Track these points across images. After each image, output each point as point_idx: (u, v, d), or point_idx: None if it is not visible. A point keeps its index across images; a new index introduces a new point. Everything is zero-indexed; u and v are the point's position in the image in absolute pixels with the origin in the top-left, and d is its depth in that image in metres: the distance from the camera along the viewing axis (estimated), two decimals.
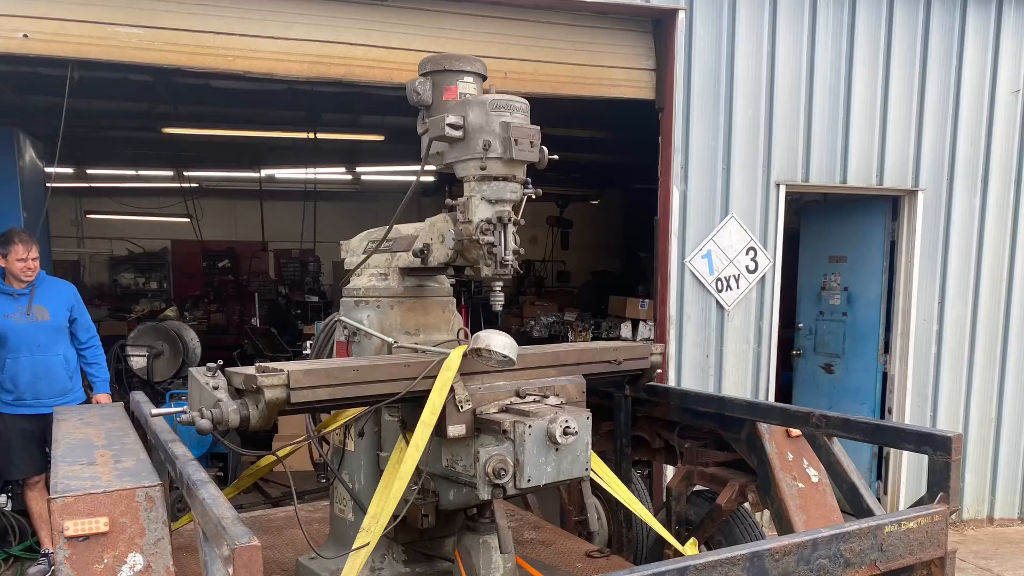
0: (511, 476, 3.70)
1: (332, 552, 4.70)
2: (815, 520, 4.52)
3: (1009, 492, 9.81)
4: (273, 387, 3.54)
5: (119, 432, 4.09)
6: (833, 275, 10.14)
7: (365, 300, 4.68)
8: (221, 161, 17.80)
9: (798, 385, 10.70)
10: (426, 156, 4.18)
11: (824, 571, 3.22)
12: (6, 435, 7.51)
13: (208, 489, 2.88)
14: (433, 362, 3.91)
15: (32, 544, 8.11)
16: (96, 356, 7.85)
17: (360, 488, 4.66)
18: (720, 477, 5.15)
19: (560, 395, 4.17)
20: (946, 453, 3.74)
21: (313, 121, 13.05)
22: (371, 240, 4.85)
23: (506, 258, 3.97)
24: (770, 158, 8.63)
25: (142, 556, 2.90)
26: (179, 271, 22.24)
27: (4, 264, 7.30)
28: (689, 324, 8.52)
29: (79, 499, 2.91)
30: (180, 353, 11.57)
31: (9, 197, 9.71)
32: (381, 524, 3.76)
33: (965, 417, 9.58)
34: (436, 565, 4.79)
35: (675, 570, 2.84)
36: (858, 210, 9.77)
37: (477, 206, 3.99)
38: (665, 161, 8.40)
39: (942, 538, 3.63)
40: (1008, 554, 8.70)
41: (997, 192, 9.41)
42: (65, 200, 19.47)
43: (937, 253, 9.30)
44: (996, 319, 9.57)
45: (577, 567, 5.36)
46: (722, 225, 8.52)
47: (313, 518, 6.23)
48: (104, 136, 14.05)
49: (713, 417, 5.12)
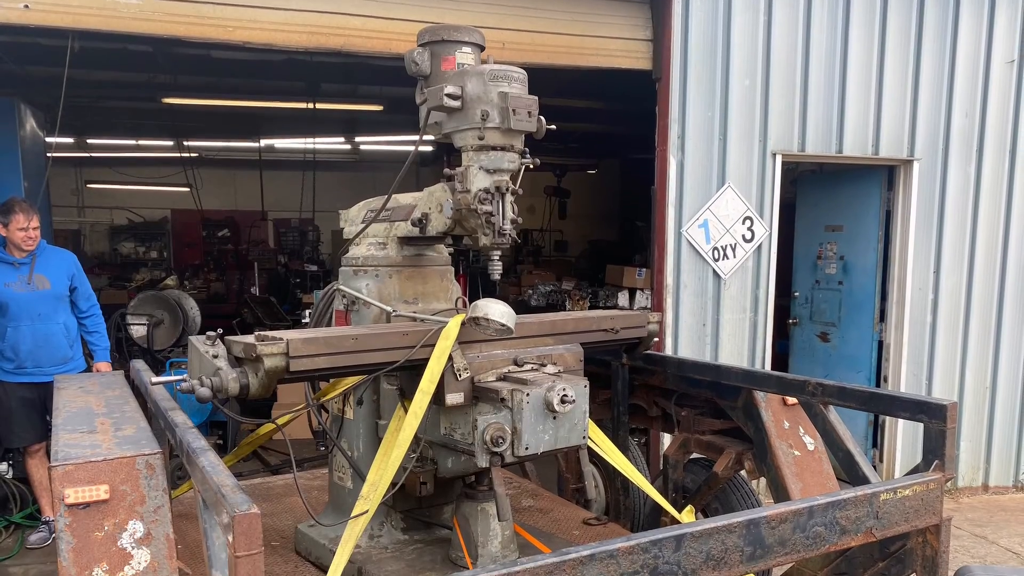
0: (509, 444, 3.72)
1: (331, 519, 4.74)
2: (811, 488, 4.54)
3: (1004, 460, 9.86)
4: (272, 355, 3.56)
5: (119, 400, 4.10)
6: (829, 244, 10.15)
7: (364, 269, 4.69)
8: (221, 131, 17.79)
9: (794, 353, 10.73)
10: (424, 126, 4.18)
11: (820, 538, 3.23)
12: (7, 403, 7.53)
13: (208, 457, 2.89)
14: (431, 331, 3.92)
15: (33, 511, 8.14)
16: (96, 325, 7.86)
17: (359, 456, 4.68)
18: (717, 445, 5.17)
19: (558, 363, 4.19)
20: (941, 421, 3.75)
21: (312, 91, 13.00)
22: (370, 209, 4.85)
23: (504, 227, 3.99)
24: (766, 128, 8.63)
25: (142, 523, 2.91)
26: (179, 240, 22.31)
27: (5, 233, 7.30)
28: (686, 293, 8.54)
29: (80, 467, 2.92)
30: (180, 322, 11.57)
31: (10, 167, 9.72)
32: (380, 492, 3.79)
33: (960, 385, 9.62)
34: (434, 532, 4.82)
35: (672, 537, 2.84)
36: (854, 180, 9.77)
37: (475, 176, 4.00)
38: (662, 131, 8.39)
39: (937, 506, 3.64)
40: (1003, 521, 8.75)
41: (992, 162, 9.41)
42: (65, 170, 19.49)
43: (932, 222, 9.31)
44: (991, 288, 9.58)
45: (574, 534, 5.38)
46: (719, 195, 8.52)
47: (312, 486, 6.26)
48: (104, 106, 13.98)
49: (710, 385, 5.14)
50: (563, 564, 2.62)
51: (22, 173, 9.78)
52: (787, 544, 3.14)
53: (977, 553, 7.85)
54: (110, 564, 2.83)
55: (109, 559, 2.83)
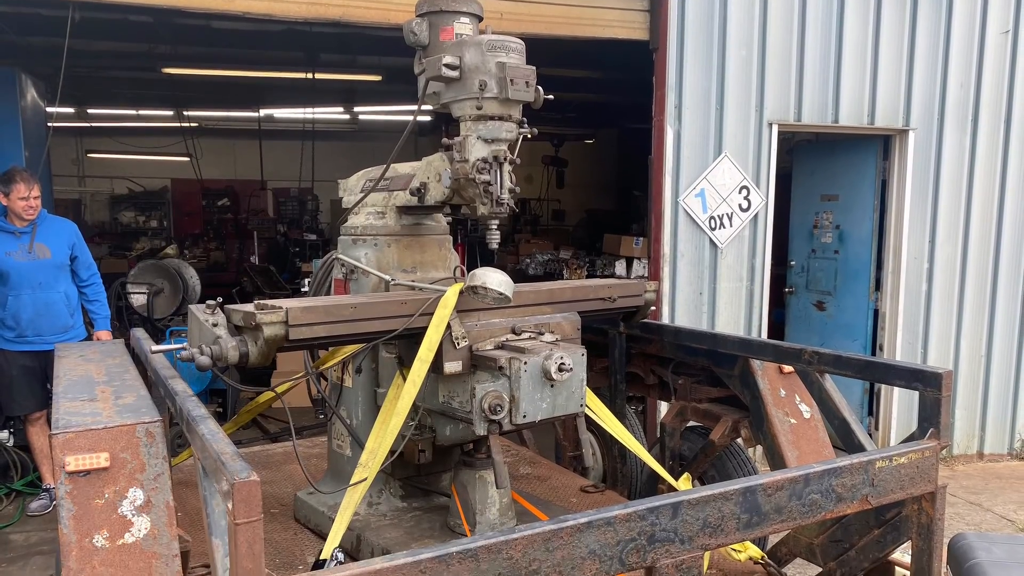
0: (507, 412, 3.74)
1: (330, 487, 4.76)
2: (807, 455, 4.55)
3: (999, 428, 9.90)
4: (272, 324, 3.57)
5: (119, 368, 4.10)
6: (825, 214, 10.16)
7: (363, 238, 4.70)
8: (220, 101, 17.80)
9: (790, 322, 10.75)
10: (423, 96, 4.17)
11: (816, 506, 3.24)
12: (8, 371, 7.56)
13: (207, 425, 2.89)
14: (430, 299, 3.94)
15: (34, 479, 8.19)
16: (97, 293, 7.89)
17: (358, 424, 4.70)
18: (713, 413, 5.18)
19: (555, 332, 4.21)
20: (936, 389, 3.76)
21: (311, 61, 12.95)
22: (369, 179, 4.86)
23: (502, 197, 4.00)
24: (763, 98, 8.63)
25: (142, 491, 2.91)
26: (179, 209, 22.34)
27: (6, 202, 7.32)
28: (683, 262, 8.55)
29: (80, 435, 2.92)
30: (180, 290, 11.56)
31: (11, 137, 9.73)
32: (378, 459, 3.81)
33: (955, 354, 9.65)
34: (433, 500, 4.85)
35: (669, 505, 2.85)
36: (850, 149, 9.77)
37: (473, 145, 4.00)
38: (659, 101, 8.39)
39: (933, 473, 3.65)
40: (997, 489, 8.80)
41: (987, 131, 9.41)
42: (66, 139, 19.52)
43: (928, 192, 9.32)
44: (986, 257, 9.60)
45: (572, 502, 5.42)
46: (715, 164, 8.52)
47: (311, 454, 6.29)
48: (105, 76, 13.97)
49: (706, 354, 5.14)
50: (561, 531, 2.63)
51: (23, 143, 9.80)
52: (783, 511, 3.15)
53: (972, 520, 7.90)
54: (110, 531, 2.83)
55: (109, 526, 2.84)
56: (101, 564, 2.80)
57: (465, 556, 2.47)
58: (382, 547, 4.23)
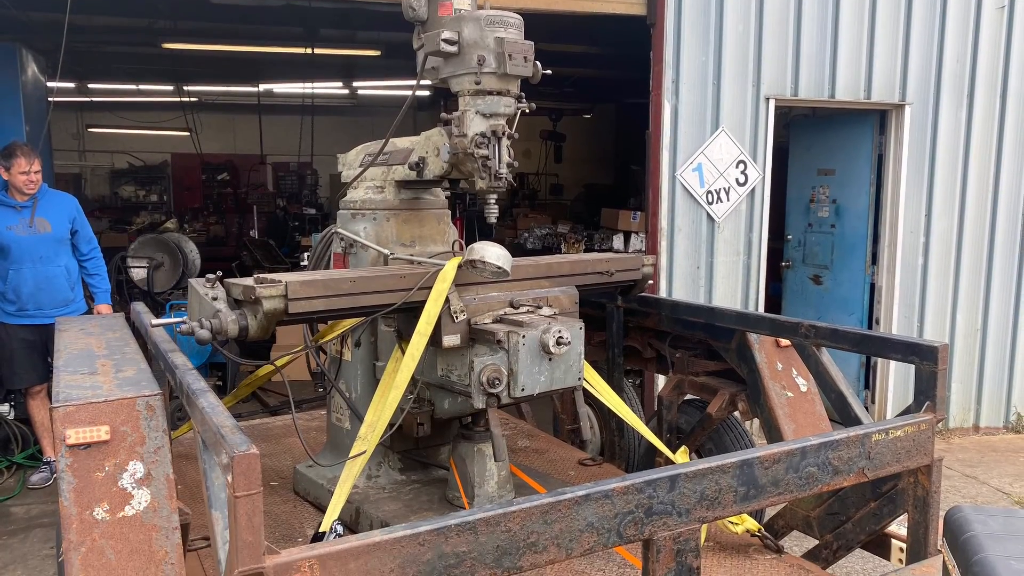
0: (505, 385, 3.75)
1: (329, 460, 4.78)
2: (804, 428, 4.57)
3: (994, 401, 9.93)
4: (271, 298, 3.58)
5: (120, 342, 4.11)
6: (821, 188, 10.16)
7: (362, 212, 4.71)
8: (220, 76, 17.83)
9: (787, 296, 10.77)
10: (421, 71, 4.17)
11: (813, 479, 3.25)
12: (9, 345, 7.59)
13: (207, 398, 2.90)
14: (429, 273, 3.94)
15: (34, 452, 8.22)
16: (97, 267, 7.91)
17: (357, 397, 4.72)
18: (711, 386, 5.20)
19: (553, 306, 4.22)
20: (932, 363, 3.77)
21: (311, 36, 12.93)
22: (368, 153, 4.86)
23: (500, 171, 4.00)
24: (759, 73, 8.63)
25: (142, 464, 2.92)
26: (179, 184, 22.48)
27: (7, 177, 7.34)
28: (680, 236, 8.56)
29: (81, 408, 2.92)
30: (180, 264, 11.56)
31: (12, 111, 9.75)
32: (377, 432, 3.82)
33: (951, 328, 9.67)
34: (431, 473, 4.87)
35: (667, 478, 2.87)
36: (846, 124, 9.76)
37: (472, 120, 4.00)
38: (656, 76, 8.39)
39: (929, 446, 3.67)
40: (993, 462, 8.83)
41: (983, 106, 9.40)
42: (67, 114, 19.58)
43: (924, 166, 9.32)
44: (982, 231, 9.60)
45: (570, 475, 5.44)
46: (712, 139, 8.52)
47: (310, 427, 6.31)
48: (105, 51, 13.94)
49: (704, 327, 5.16)
50: (559, 504, 2.65)
51: (24, 117, 9.82)
52: (780, 484, 3.17)
53: (968, 493, 7.93)
54: (111, 504, 2.84)
55: (110, 499, 2.84)
56: (101, 536, 2.81)
57: (463, 529, 2.49)
58: (381, 520, 4.25)
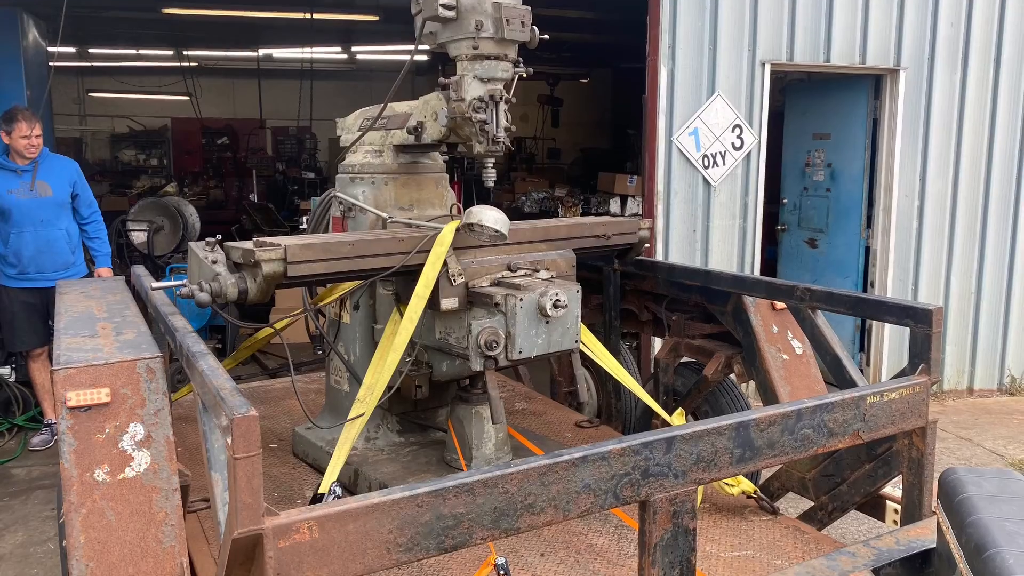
0: (502, 348, 3.78)
1: (328, 422, 4.81)
2: (799, 391, 4.58)
3: (988, 364, 9.97)
4: (271, 261, 3.60)
5: (120, 305, 4.12)
6: (817, 152, 10.17)
7: (360, 176, 4.71)
8: (220, 40, 17.83)
9: (782, 259, 10.79)
10: (420, 36, 4.17)
11: (808, 441, 3.25)
12: (10, 308, 7.63)
13: (207, 361, 2.90)
14: (427, 237, 3.96)
15: (35, 414, 8.26)
16: (98, 231, 7.93)
17: (355, 360, 4.74)
18: (707, 349, 5.21)
19: (550, 269, 4.23)
20: (927, 326, 3.77)
21: (310, 1, 12.87)
22: (366, 118, 4.85)
23: (498, 135, 4.01)
24: (755, 38, 8.62)
25: (143, 426, 2.93)
26: (179, 148, 22.53)
27: (8, 141, 7.36)
28: (676, 200, 8.56)
29: (81, 370, 2.93)
30: (180, 228, 11.56)
31: (13, 76, 9.74)
32: (376, 395, 3.85)
33: (946, 291, 9.69)
34: (429, 435, 4.90)
35: (663, 440, 2.87)
36: (841, 89, 9.76)
37: (470, 84, 4.00)
38: (653, 41, 8.37)
39: (923, 408, 3.67)
40: (987, 424, 8.87)
41: (977, 71, 9.38)
42: (68, 79, 19.53)
43: (918, 130, 9.32)
44: (976, 195, 9.60)
45: (567, 437, 5.47)
46: (708, 104, 8.53)
47: (309, 389, 6.33)
48: (105, 16, 13.97)
49: (700, 290, 5.16)
50: (556, 466, 2.66)
51: (25, 82, 9.81)
52: (776, 446, 3.17)
53: (962, 455, 7.98)
54: (111, 466, 2.85)
55: (110, 461, 2.86)
56: (102, 498, 2.83)
57: (461, 490, 2.50)
58: (379, 481, 4.28)
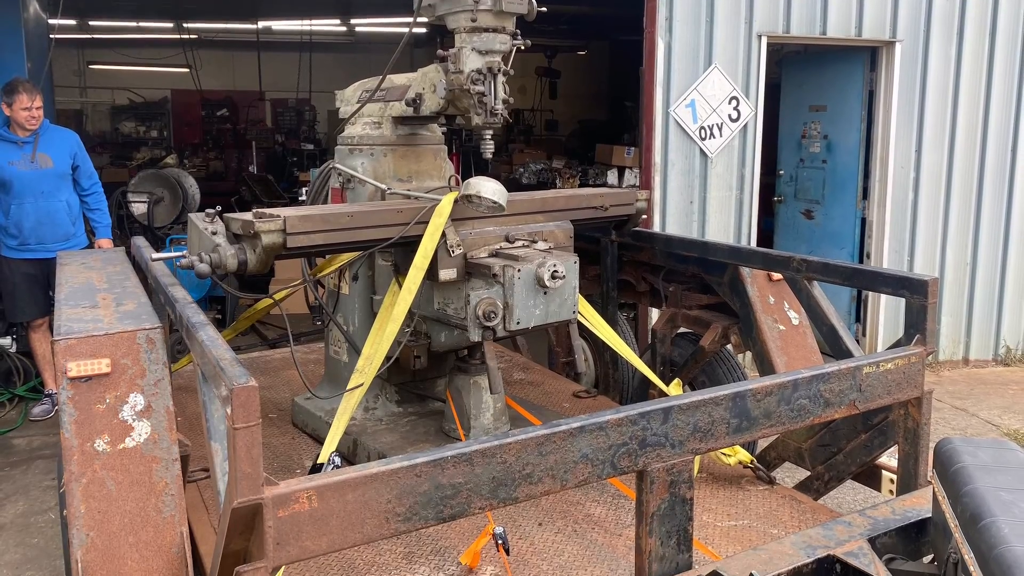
0: (501, 318, 3.80)
1: (327, 392, 4.84)
2: (795, 361, 4.59)
3: (983, 335, 9.99)
4: (270, 232, 3.61)
5: (120, 276, 4.12)
6: (813, 124, 10.19)
7: (359, 148, 4.72)
8: (219, 13, 17.89)
9: (779, 230, 10.81)
10: (418, 8, 4.17)
11: (804, 411, 3.26)
12: (11, 279, 7.64)
13: (207, 331, 2.90)
14: (425, 208, 3.97)
15: (36, 385, 8.28)
16: (98, 202, 7.93)
17: (354, 330, 4.76)
18: (704, 320, 5.21)
19: (548, 240, 4.25)
20: (923, 296, 3.78)
21: None
22: (365, 90, 4.86)
23: (496, 107, 4.02)
24: (752, 10, 8.63)
25: (143, 396, 2.94)
26: (179, 120, 22.50)
27: (9, 113, 7.35)
28: (673, 171, 8.58)
29: (82, 341, 2.94)
30: (180, 199, 11.54)
31: (14, 48, 9.69)
32: (374, 365, 3.87)
33: (941, 261, 9.70)
34: (428, 405, 4.92)
35: (660, 410, 2.89)
36: (837, 60, 9.76)
37: (468, 57, 4.02)
38: (650, 13, 8.37)
39: (919, 379, 3.68)
40: (983, 394, 8.91)
41: (972, 43, 9.37)
42: (68, 51, 19.51)
43: (914, 102, 9.32)
44: (971, 166, 9.61)
45: (564, 407, 5.50)
46: (705, 75, 8.53)
47: (309, 359, 6.36)
48: None
49: (697, 261, 5.17)
50: (554, 436, 2.67)
51: (25, 54, 9.75)
52: (772, 416, 3.18)
53: (958, 425, 8.01)
54: (111, 436, 2.86)
55: (110, 431, 2.87)
56: (102, 468, 2.85)
57: (460, 460, 2.52)
58: (378, 451, 4.31)
